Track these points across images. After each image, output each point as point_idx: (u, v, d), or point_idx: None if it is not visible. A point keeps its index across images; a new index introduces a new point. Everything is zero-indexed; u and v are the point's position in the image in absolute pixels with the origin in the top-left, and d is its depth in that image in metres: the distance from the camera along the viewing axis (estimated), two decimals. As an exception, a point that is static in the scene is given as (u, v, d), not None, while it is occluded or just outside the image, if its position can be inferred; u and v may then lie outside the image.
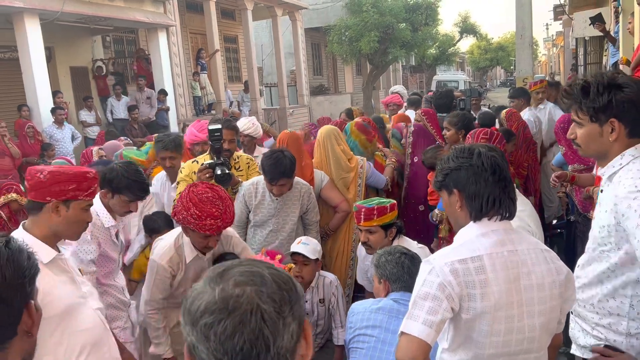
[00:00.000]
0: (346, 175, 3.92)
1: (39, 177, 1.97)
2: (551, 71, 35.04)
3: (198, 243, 2.72)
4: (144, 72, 12.21)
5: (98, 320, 2.14)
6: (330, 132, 3.97)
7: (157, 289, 2.77)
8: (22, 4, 8.31)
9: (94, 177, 2.11)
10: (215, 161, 3.40)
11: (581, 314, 2.03)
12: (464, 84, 25.54)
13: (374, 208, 2.95)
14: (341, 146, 3.95)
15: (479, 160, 1.69)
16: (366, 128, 4.42)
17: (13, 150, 7.77)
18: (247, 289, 0.91)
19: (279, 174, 3.29)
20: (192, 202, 2.53)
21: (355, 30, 19.41)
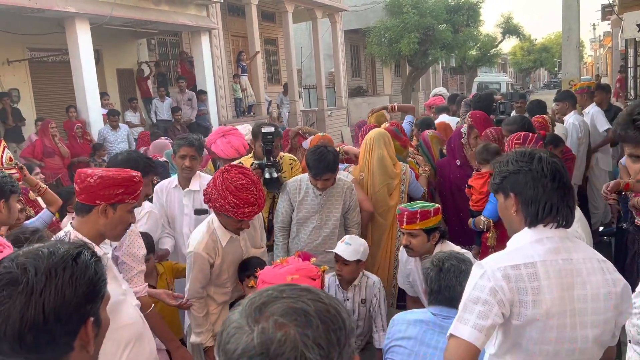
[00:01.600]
0: (391, 181, 3.89)
1: (89, 182, 2.04)
2: (597, 72, 33.94)
3: (231, 226, 2.78)
4: (187, 74, 12.48)
5: (138, 316, 2.23)
6: (381, 135, 3.95)
7: (197, 279, 2.82)
8: (74, 9, 8.63)
9: (140, 181, 2.18)
10: (265, 162, 3.46)
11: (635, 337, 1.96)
12: (506, 86, 24.97)
13: (417, 211, 2.94)
14: (388, 150, 3.92)
15: (539, 165, 1.67)
16: (397, 134, 4.38)
17: (63, 149, 8.07)
18: (290, 332, 0.81)
19: (323, 169, 3.36)
20: (229, 191, 2.57)
21: (395, 32, 19.30)
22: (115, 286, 2.11)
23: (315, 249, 3.58)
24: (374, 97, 23.33)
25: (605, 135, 6.19)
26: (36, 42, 10.07)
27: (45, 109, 10.48)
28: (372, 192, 3.91)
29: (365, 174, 3.93)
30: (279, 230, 3.70)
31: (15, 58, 9.89)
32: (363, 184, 3.95)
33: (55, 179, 7.94)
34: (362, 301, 3.34)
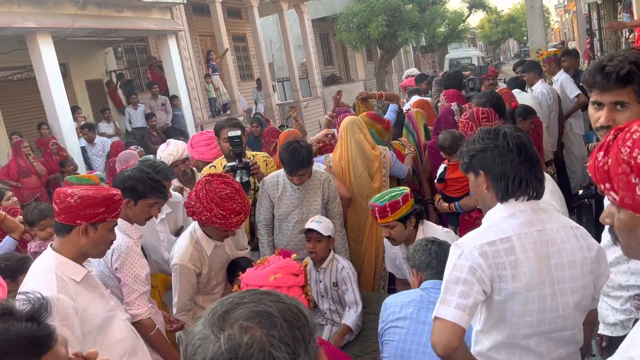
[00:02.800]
0: (371, 164, 3.90)
1: (69, 202, 2.03)
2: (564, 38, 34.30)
3: (218, 235, 2.77)
4: (157, 78, 12.34)
5: (129, 330, 2.24)
6: (352, 121, 3.98)
7: (184, 290, 2.80)
8: (34, 24, 8.45)
9: (120, 199, 2.17)
10: (237, 164, 3.45)
11: (610, 293, 2.03)
12: (477, 60, 25.14)
13: (385, 205, 2.95)
14: (363, 134, 3.94)
15: (504, 141, 1.70)
16: (379, 117, 4.41)
17: (38, 168, 7.95)
18: (256, 334, 0.82)
19: (297, 164, 3.37)
20: (214, 203, 2.56)
21: (362, 16, 19.29)
22: (102, 303, 2.11)
23: (300, 243, 3.60)
24: (349, 83, 23.31)
25: (576, 100, 6.28)
26: (0, 61, 9.87)
27: (16, 128, 10.28)
28: (355, 177, 3.93)
29: (345, 161, 3.95)
30: (262, 228, 3.71)
31: (-20, 80, 9.69)
32: (344, 171, 3.96)
33: (34, 198, 7.82)
34: (334, 284, 3.38)
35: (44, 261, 2.10)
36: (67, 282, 2.02)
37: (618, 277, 2.06)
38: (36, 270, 2.08)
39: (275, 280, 2.12)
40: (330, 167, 4.00)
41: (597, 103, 1.82)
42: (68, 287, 2.01)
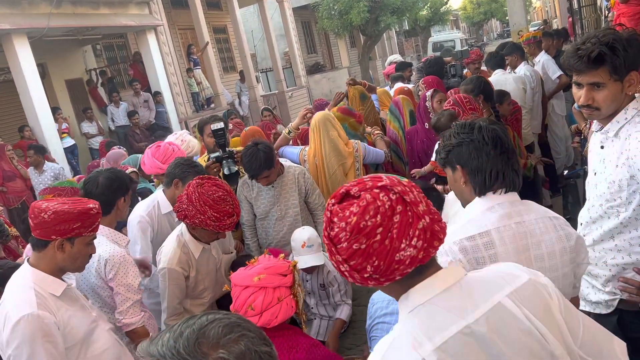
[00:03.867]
0: (345, 161, 3.87)
1: (43, 217, 1.98)
2: (546, 17, 34.36)
3: (209, 238, 2.75)
4: (140, 75, 12.20)
5: (113, 340, 2.22)
6: (323, 117, 3.91)
7: (174, 295, 2.77)
8: (9, 26, 8.30)
9: (97, 213, 2.11)
10: (222, 154, 3.42)
11: (592, 271, 2.05)
12: (460, 42, 25.14)
13: None
14: (336, 131, 3.89)
15: (479, 135, 1.70)
16: (351, 110, 4.37)
17: (23, 171, 7.84)
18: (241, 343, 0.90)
19: (257, 169, 3.32)
20: (208, 205, 2.50)
21: (344, 3, 19.21)
22: (84, 315, 2.09)
23: (284, 239, 3.59)
24: (333, 71, 23.20)
25: (558, 81, 6.31)
26: (-24, 64, 9.70)
27: (-4, 132, 10.16)
28: (329, 175, 3.91)
29: (319, 158, 3.91)
30: (246, 230, 3.70)
31: (-44, 84, 9.51)
32: (318, 168, 3.93)
33: (20, 202, 7.74)
34: (321, 285, 3.37)
35: (21, 277, 2.06)
36: (47, 298, 1.99)
37: (603, 255, 2.08)
38: (14, 287, 2.04)
39: (259, 281, 2.10)
40: (305, 161, 3.97)
41: (577, 83, 1.96)
42: (48, 303, 1.98)
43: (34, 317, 1.90)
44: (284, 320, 2.06)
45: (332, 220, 1.17)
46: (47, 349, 1.90)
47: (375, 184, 1.16)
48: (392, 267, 1.13)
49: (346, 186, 1.20)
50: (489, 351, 1.13)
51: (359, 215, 1.12)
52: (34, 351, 1.88)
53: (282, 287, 2.12)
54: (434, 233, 1.16)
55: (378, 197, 1.14)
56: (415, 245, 1.12)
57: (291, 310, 2.08)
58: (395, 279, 1.16)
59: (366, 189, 1.16)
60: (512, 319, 1.17)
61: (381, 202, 1.13)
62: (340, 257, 1.15)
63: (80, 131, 10.93)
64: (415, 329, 1.14)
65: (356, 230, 1.12)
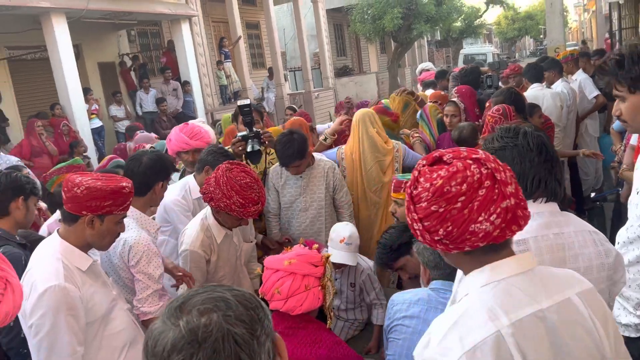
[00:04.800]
0: (383, 158, 3.88)
1: (75, 192, 1.97)
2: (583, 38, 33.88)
3: (231, 223, 2.76)
4: (172, 64, 12.31)
5: (130, 320, 2.22)
6: (364, 114, 3.96)
7: (195, 279, 2.76)
8: (49, 4, 8.44)
9: (130, 192, 2.10)
10: (248, 133, 3.44)
11: (624, 293, 1.98)
12: (492, 56, 24.88)
13: (403, 181, 2.94)
14: (376, 129, 3.92)
15: (524, 140, 1.65)
16: (387, 109, 4.39)
17: (50, 148, 7.97)
18: (213, 316, 0.86)
19: (290, 157, 3.38)
20: (234, 190, 2.53)
21: (378, 8, 19.11)
22: (105, 292, 2.09)
23: (305, 232, 3.61)
24: (361, 75, 23.16)
25: (594, 101, 6.19)
26: (14, 40, 9.86)
27: (28, 108, 10.32)
28: (365, 171, 3.92)
29: (356, 154, 3.93)
30: (271, 219, 3.72)
31: (-6, 58, 9.70)
32: (355, 164, 3.94)
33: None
34: (352, 284, 3.34)
35: (50, 247, 2.06)
36: (73, 271, 1.99)
37: (637, 277, 2.02)
38: (42, 256, 2.03)
39: (289, 265, 2.09)
40: (343, 158, 3.97)
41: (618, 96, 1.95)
42: (74, 276, 1.97)
43: (61, 288, 1.90)
44: (308, 310, 2.05)
45: (418, 180, 1.21)
46: (69, 322, 1.90)
47: (469, 155, 1.20)
48: (463, 237, 1.15)
49: (441, 151, 1.23)
50: (554, 340, 1.17)
51: (445, 179, 1.15)
52: (57, 323, 1.88)
53: (312, 276, 2.11)
54: (516, 217, 1.18)
55: (469, 167, 1.17)
56: (492, 222, 1.14)
57: (317, 301, 2.07)
58: (464, 249, 1.18)
59: (459, 158, 1.19)
60: (579, 315, 1.21)
61: (471, 173, 1.16)
62: (416, 216, 1.20)
63: (108, 114, 11.06)
64: (490, 302, 1.17)
65: (439, 192, 1.15)
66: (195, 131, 3.60)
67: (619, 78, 1.82)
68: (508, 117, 3.73)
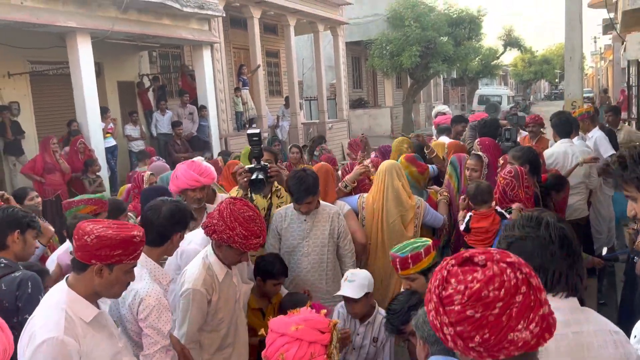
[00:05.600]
0: (405, 213, 3.87)
1: (85, 240, 1.96)
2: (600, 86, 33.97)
3: (232, 259, 2.77)
4: (188, 87, 12.46)
5: None
6: (392, 166, 3.97)
7: (195, 319, 2.71)
8: (75, 24, 8.60)
9: (141, 241, 2.08)
10: (255, 165, 3.46)
11: None
12: (507, 99, 25.02)
13: (407, 257, 2.85)
14: (401, 182, 3.92)
15: (546, 232, 1.62)
16: (416, 160, 4.36)
17: (63, 166, 8.02)
18: None
19: (304, 192, 3.41)
20: (238, 222, 2.57)
21: (397, 45, 19.35)
22: (110, 344, 2.06)
23: (305, 277, 3.57)
24: (375, 108, 23.34)
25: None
26: (37, 55, 10.05)
27: (45, 123, 10.44)
28: (387, 223, 3.90)
29: (378, 205, 3.92)
30: None
31: (17, 71, 9.85)
32: (376, 215, 3.92)
33: (55, 195, 7.88)
34: (374, 339, 3.26)
35: (56, 295, 2.04)
36: (76, 323, 1.96)
37: None
38: (47, 305, 2.02)
39: (296, 332, 2.05)
40: (363, 208, 3.95)
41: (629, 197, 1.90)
42: (76, 328, 1.95)
43: (58, 342, 1.88)
44: None
45: (449, 281, 1.16)
46: None
47: (503, 258, 1.17)
48: (501, 345, 1.11)
49: (471, 251, 1.19)
50: None
51: (483, 283, 1.12)
52: None
53: (318, 343, 2.06)
54: (549, 324, 1.15)
55: (505, 271, 1.14)
56: (532, 330, 1.12)
57: None
58: (499, 357, 1.13)
59: (493, 260, 1.16)
60: None
61: (507, 278, 1.13)
62: (447, 320, 1.14)
63: (123, 133, 11.16)
64: None
65: (476, 297, 1.11)
66: (203, 168, 3.63)
67: (625, 179, 1.79)
68: (520, 179, 3.70)
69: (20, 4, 7.95)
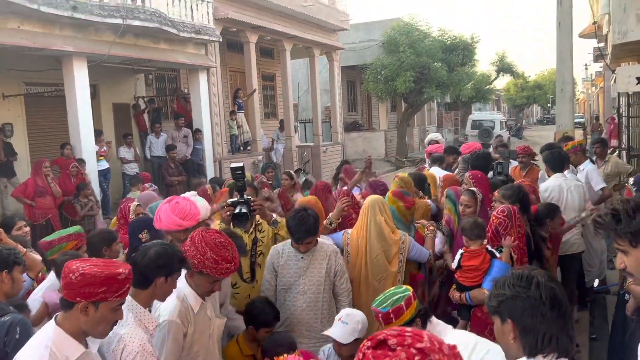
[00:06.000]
0: (388, 248, 3.85)
1: (70, 278, 1.99)
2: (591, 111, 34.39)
3: (204, 288, 2.76)
4: (182, 110, 12.50)
5: None
6: (374, 201, 3.95)
7: (172, 351, 2.64)
8: (72, 48, 8.65)
9: (127, 278, 2.07)
10: (238, 199, 3.46)
11: None
12: (499, 124, 25.24)
13: (389, 312, 2.81)
14: (384, 217, 3.89)
15: (537, 292, 1.63)
16: (404, 195, 4.35)
17: (55, 189, 7.98)
18: None
19: (304, 232, 3.39)
20: (209, 247, 2.61)
21: (391, 70, 19.56)
22: None
23: (300, 316, 3.52)
24: (370, 132, 23.50)
25: (601, 193, 6.18)
26: (33, 77, 10.07)
27: (38, 144, 10.41)
28: (370, 258, 3.86)
29: (362, 240, 3.89)
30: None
31: (12, 93, 9.84)
32: (360, 250, 3.89)
33: (45, 219, 7.83)
34: None
35: (44, 334, 2.05)
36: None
37: None
38: (33, 344, 2.03)
39: None
40: (348, 244, 3.94)
41: None
42: None
43: None
44: None
45: None
46: None
47: (414, 343, 1.16)
48: None
49: (385, 333, 1.20)
50: None
51: None
52: None
53: None
54: None
55: (412, 358, 1.14)
56: None
57: None
58: None
59: (403, 345, 1.16)
60: None
61: None
62: None
63: (117, 155, 11.14)
64: None
65: None
66: (186, 211, 3.47)
67: (618, 233, 1.79)
68: (513, 219, 3.74)
69: (17, 28, 8.00)
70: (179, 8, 10.88)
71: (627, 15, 7.10)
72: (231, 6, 12.58)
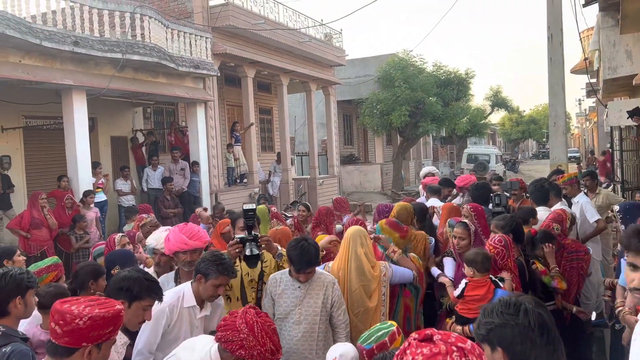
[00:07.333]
0: (368, 284, 3.78)
1: (77, 324, 1.88)
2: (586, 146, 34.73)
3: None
4: (180, 143, 12.58)
5: None
6: (356, 233, 3.89)
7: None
8: (72, 82, 8.77)
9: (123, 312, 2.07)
10: (247, 236, 3.44)
11: None
12: (495, 158, 25.44)
13: (373, 349, 2.78)
14: (364, 249, 3.83)
15: (525, 319, 1.62)
16: (398, 225, 4.33)
17: (51, 221, 7.97)
18: None
19: (306, 263, 3.37)
20: (268, 337, 2.32)
21: (387, 104, 19.82)
22: None
23: (295, 347, 3.48)
24: (366, 165, 23.63)
25: (595, 225, 6.21)
26: (32, 110, 10.17)
27: (36, 177, 10.44)
28: (349, 292, 3.79)
29: (342, 271, 3.83)
30: None
31: (11, 126, 9.92)
32: (340, 282, 3.80)
33: (40, 251, 7.79)
34: None
35: None
36: None
37: None
38: None
39: None
40: None
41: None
42: None
43: None
44: None
45: (405, 352, 1.35)
46: None
47: (456, 342, 1.33)
48: None
49: (434, 330, 1.38)
50: None
51: (425, 357, 1.29)
52: None
53: None
54: None
55: (451, 353, 1.28)
56: None
57: None
58: None
59: (446, 341, 1.32)
60: None
61: (451, 358, 1.28)
62: None
63: (113, 187, 11.16)
64: None
65: None
66: (194, 231, 3.61)
67: None
68: (509, 249, 3.75)
69: (18, 62, 8.13)
70: (177, 43, 11.09)
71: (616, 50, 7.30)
72: (229, 41, 12.82)
